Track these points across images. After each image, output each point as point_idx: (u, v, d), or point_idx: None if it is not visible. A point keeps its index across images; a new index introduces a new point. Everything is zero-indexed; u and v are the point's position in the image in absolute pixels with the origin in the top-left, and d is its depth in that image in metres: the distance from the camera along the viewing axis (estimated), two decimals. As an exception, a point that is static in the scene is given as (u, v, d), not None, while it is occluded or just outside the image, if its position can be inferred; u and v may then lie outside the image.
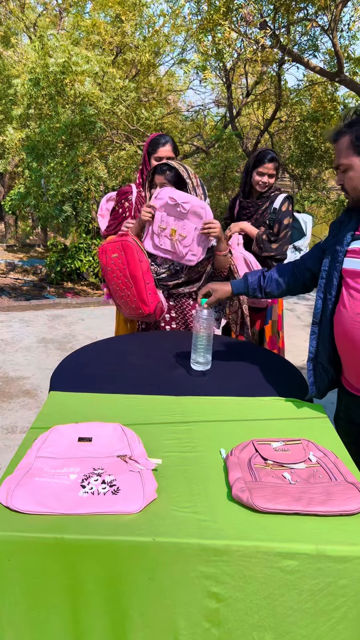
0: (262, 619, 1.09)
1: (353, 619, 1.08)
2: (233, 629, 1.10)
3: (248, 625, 1.09)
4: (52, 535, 1.09)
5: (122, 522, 1.13)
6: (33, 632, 1.10)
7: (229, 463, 1.34)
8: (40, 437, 1.41)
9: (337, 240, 1.68)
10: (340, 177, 1.62)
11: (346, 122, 1.60)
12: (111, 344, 2.29)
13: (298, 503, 1.18)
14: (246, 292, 1.95)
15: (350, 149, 1.56)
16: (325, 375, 1.75)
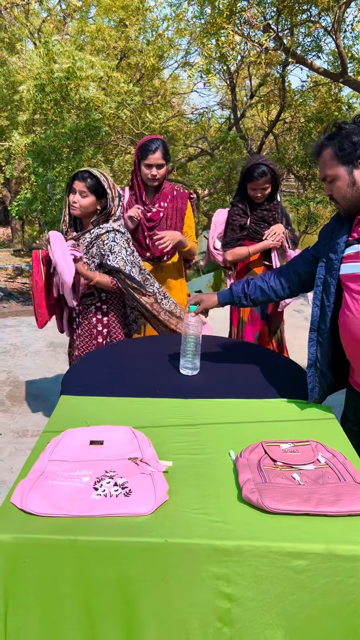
0: (273, 618, 1.11)
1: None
2: (244, 628, 1.12)
3: (259, 624, 1.11)
4: (66, 537, 1.11)
5: (134, 524, 1.15)
6: (47, 638, 1.12)
7: (238, 465, 1.36)
8: (52, 441, 1.44)
9: (330, 248, 1.69)
10: (329, 188, 1.65)
11: (326, 135, 1.63)
12: (120, 348, 2.32)
13: (307, 504, 1.20)
14: (232, 301, 2.00)
15: (334, 159, 1.60)
16: (324, 380, 1.77)
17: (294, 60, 6.27)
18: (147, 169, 2.68)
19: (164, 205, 2.79)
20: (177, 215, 2.82)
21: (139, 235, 2.80)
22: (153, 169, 2.68)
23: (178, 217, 2.82)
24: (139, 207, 2.72)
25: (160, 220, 2.78)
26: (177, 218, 2.82)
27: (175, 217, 2.82)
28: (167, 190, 2.82)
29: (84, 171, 2.41)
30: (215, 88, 7.56)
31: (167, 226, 2.79)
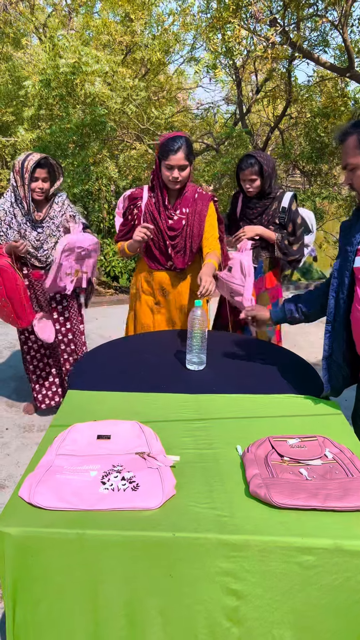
0: (282, 616, 1.11)
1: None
2: (253, 627, 1.11)
3: (268, 623, 1.11)
4: (74, 530, 1.11)
5: (141, 518, 1.16)
6: (53, 631, 1.13)
7: (245, 460, 1.36)
8: (60, 435, 1.44)
9: (347, 241, 1.69)
10: (349, 176, 1.64)
11: (352, 123, 1.62)
12: (126, 343, 2.32)
13: (315, 499, 1.19)
14: (284, 319, 2.02)
15: (358, 148, 1.58)
16: (339, 372, 1.76)
17: (300, 55, 6.24)
18: (168, 170, 2.40)
19: (186, 212, 2.53)
20: (196, 220, 2.55)
21: (159, 243, 2.54)
22: (175, 171, 2.39)
23: (196, 221, 2.55)
24: (146, 226, 2.43)
25: (182, 229, 2.54)
26: (196, 223, 2.56)
27: (194, 222, 2.56)
28: (189, 194, 2.54)
29: (44, 157, 2.66)
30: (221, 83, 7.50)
31: (186, 234, 2.55)
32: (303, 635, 1.12)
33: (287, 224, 2.95)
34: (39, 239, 2.76)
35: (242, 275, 2.76)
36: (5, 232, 2.72)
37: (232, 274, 2.79)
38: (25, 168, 2.62)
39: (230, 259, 2.80)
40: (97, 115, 6.54)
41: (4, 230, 2.72)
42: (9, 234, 2.72)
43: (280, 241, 2.92)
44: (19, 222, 2.71)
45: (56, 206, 2.83)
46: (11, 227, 2.73)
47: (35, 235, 2.75)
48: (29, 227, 2.73)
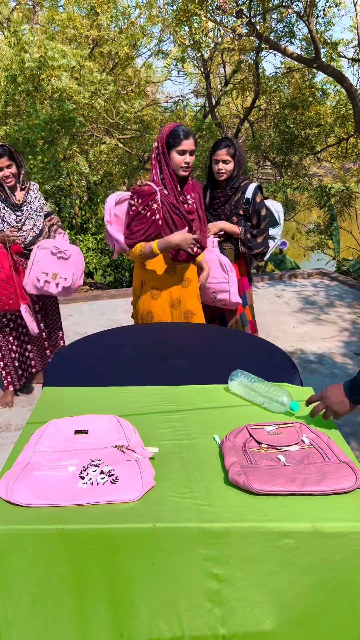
0: (263, 596, 1.12)
1: (347, 586, 1.12)
2: (235, 607, 1.13)
3: (249, 603, 1.12)
4: (54, 526, 1.10)
5: (122, 510, 1.15)
6: (37, 626, 1.12)
7: (224, 448, 1.37)
8: (37, 432, 1.43)
9: None
10: None
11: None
12: (103, 337, 2.31)
13: (293, 484, 1.21)
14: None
15: None
16: None
17: (267, 46, 6.26)
18: (180, 155, 2.44)
19: (194, 197, 2.61)
20: (199, 204, 2.66)
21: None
22: (186, 156, 2.46)
23: (199, 205, 2.66)
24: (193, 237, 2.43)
25: (195, 213, 2.60)
26: (200, 207, 2.66)
27: (199, 206, 2.66)
28: (190, 180, 2.64)
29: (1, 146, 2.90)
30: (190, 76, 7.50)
31: (199, 217, 2.64)
32: (284, 612, 1.13)
33: (252, 216, 2.95)
34: (19, 220, 3.04)
35: (224, 272, 2.78)
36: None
37: (213, 274, 2.83)
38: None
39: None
40: (66, 110, 6.47)
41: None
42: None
43: (244, 235, 2.93)
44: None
45: (32, 193, 3.14)
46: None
47: (14, 218, 3.03)
48: (7, 210, 3.01)
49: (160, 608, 1.12)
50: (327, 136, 8.91)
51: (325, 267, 7.77)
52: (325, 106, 8.59)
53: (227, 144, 2.89)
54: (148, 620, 1.12)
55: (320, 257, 8.45)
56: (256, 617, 1.13)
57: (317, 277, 6.68)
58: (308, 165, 9.92)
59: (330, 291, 5.95)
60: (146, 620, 1.12)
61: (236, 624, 1.14)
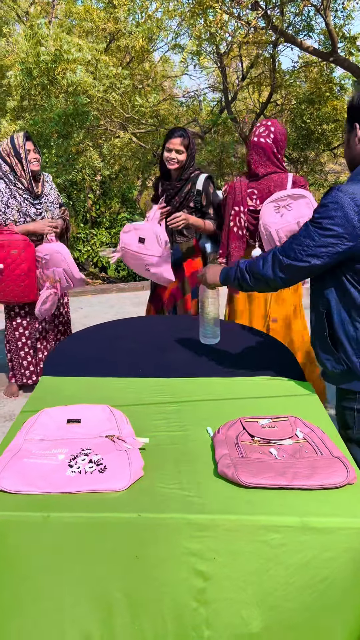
0: (250, 596, 1.10)
1: (337, 589, 1.09)
2: (221, 608, 1.11)
3: (236, 603, 1.10)
4: (39, 513, 1.10)
5: (108, 499, 1.15)
6: (18, 617, 1.12)
7: (216, 441, 1.35)
8: (29, 420, 1.43)
9: None
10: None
11: None
12: (103, 329, 2.30)
13: (283, 477, 1.19)
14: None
15: None
16: None
17: (283, 40, 6.19)
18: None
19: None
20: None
21: None
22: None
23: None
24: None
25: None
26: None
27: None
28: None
29: (26, 132, 2.93)
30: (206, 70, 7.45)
31: None
32: (271, 614, 1.12)
33: (207, 208, 2.87)
34: (39, 213, 3.03)
35: (159, 245, 2.73)
36: (3, 211, 2.93)
37: (146, 245, 2.74)
38: (18, 145, 2.86)
39: (137, 229, 2.78)
40: (80, 104, 6.47)
41: (2, 209, 2.93)
42: (8, 212, 2.93)
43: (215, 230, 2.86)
44: (19, 200, 2.94)
45: (47, 184, 3.12)
46: (9, 206, 2.94)
47: (34, 211, 3.01)
48: (28, 203, 2.98)
49: (144, 605, 1.11)
50: (344, 132, 8.79)
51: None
52: (342, 101, 8.47)
53: (182, 134, 2.80)
54: (130, 620, 1.11)
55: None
56: (242, 618, 1.11)
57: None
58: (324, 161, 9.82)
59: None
60: (128, 619, 1.11)
61: (222, 625, 1.12)
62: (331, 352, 1.60)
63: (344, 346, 1.56)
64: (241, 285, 1.69)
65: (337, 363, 1.60)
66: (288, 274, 1.56)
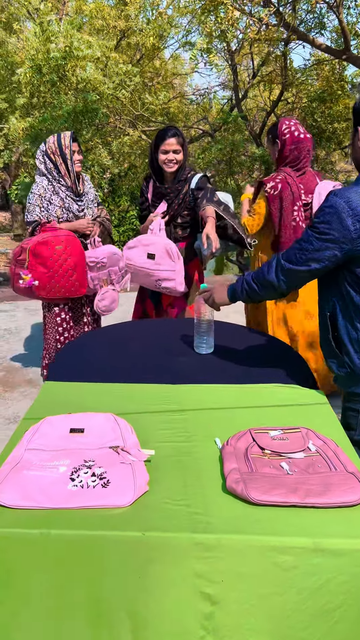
0: (259, 623, 1.04)
1: (353, 617, 1.03)
2: (229, 635, 1.04)
3: (245, 630, 1.04)
4: (38, 530, 1.05)
5: (111, 516, 1.09)
6: (16, 634, 1.06)
7: (224, 453, 1.30)
8: (31, 429, 1.38)
9: None
10: None
11: None
12: (110, 332, 2.25)
13: (295, 495, 1.13)
14: None
15: None
16: None
17: (295, 37, 6.10)
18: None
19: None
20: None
21: None
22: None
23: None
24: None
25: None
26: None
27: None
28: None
29: (73, 133, 2.89)
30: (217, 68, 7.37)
31: None
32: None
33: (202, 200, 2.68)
34: (81, 210, 3.01)
35: (171, 260, 2.63)
36: (46, 208, 2.90)
37: (157, 261, 2.65)
38: (64, 145, 2.84)
39: (145, 244, 2.68)
40: (90, 101, 6.42)
41: (45, 206, 2.90)
42: (50, 209, 2.90)
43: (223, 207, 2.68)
44: (62, 197, 2.92)
45: (86, 183, 3.11)
46: (52, 203, 2.91)
47: (77, 207, 2.98)
48: (70, 199, 2.95)
49: (148, 629, 1.05)
50: (354, 132, 8.68)
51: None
52: (354, 100, 8.37)
53: (175, 132, 2.66)
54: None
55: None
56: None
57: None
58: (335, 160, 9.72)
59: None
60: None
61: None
62: (335, 355, 1.63)
63: (347, 348, 1.58)
64: (250, 296, 1.70)
65: (341, 366, 1.62)
66: (289, 278, 1.59)
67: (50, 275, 2.73)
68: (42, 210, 2.88)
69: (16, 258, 2.76)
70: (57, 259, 2.72)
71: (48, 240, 2.70)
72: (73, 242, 2.77)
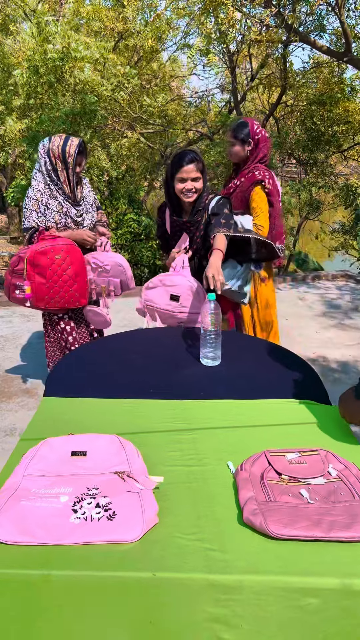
0: None
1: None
2: None
3: None
4: (39, 571, 0.95)
5: (117, 553, 0.99)
6: None
7: (239, 479, 1.20)
8: (29, 452, 1.27)
9: None
10: None
11: None
12: (111, 342, 2.15)
13: (318, 528, 1.03)
14: None
15: None
16: None
17: (296, 38, 6.03)
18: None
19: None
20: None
21: None
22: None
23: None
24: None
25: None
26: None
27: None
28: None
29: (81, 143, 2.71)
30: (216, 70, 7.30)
31: None
32: None
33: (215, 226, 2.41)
34: (80, 215, 2.88)
35: (197, 301, 2.39)
36: (43, 213, 2.77)
37: (181, 302, 2.39)
38: (68, 154, 2.68)
39: (167, 285, 2.42)
40: (88, 103, 6.32)
41: (42, 211, 2.76)
42: (48, 215, 2.77)
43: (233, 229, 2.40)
44: (60, 201, 2.78)
45: (85, 187, 2.97)
46: (49, 208, 2.77)
47: (75, 212, 2.84)
48: (68, 204, 2.81)
49: None
50: (355, 134, 8.63)
51: (350, 269, 7.52)
52: (354, 103, 8.31)
53: (194, 157, 2.33)
54: None
55: (345, 259, 8.20)
56: None
57: (342, 280, 6.45)
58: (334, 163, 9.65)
59: (355, 295, 5.72)
60: None
61: None
62: None
63: None
64: None
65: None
66: None
67: (49, 286, 2.63)
68: (39, 215, 2.74)
69: (13, 268, 2.65)
70: (57, 269, 2.62)
71: (47, 250, 2.60)
72: (73, 250, 2.66)
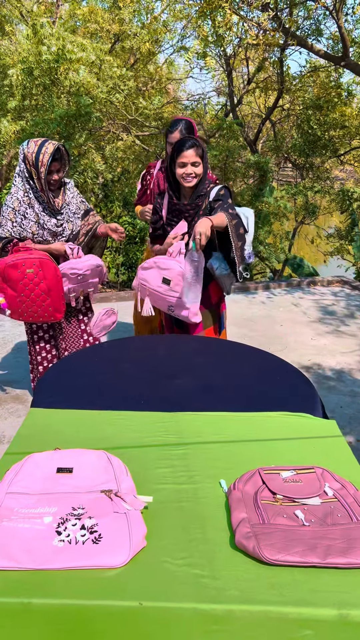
0: None
1: None
2: None
3: None
4: (18, 599, 0.90)
5: (103, 580, 0.94)
6: None
7: (231, 499, 1.15)
8: (12, 468, 1.22)
9: None
10: None
11: None
12: (102, 350, 2.10)
13: (314, 553, 0.99)
14: None
15: None
16: None
17: (294, 42, 6.00)
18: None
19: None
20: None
21: None
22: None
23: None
24: None
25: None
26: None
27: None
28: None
29: (57, 149, 2.52)
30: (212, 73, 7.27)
31: None
32: None
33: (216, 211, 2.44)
34: (60, 225, 2.71)
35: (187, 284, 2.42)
36: (19, 223, 2.62)
37: (172, 287, 2.44)
38: (41, 162, 2.49)
39: (161, 268, 2.46)
40: (83, 105, 6.27)
41: (19, 221, 2.62)
42: (24, 224, 2.62)
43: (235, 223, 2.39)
44: (37, 211, 2.62)
45: (69, 192, 2.78)
46: (26, 217, 2.61)
47: (55, 222, 2.68)
48: (46, 215, 2.65)
49: None
50: (351, 139, 8.61)
51: (345, 274, 7.49)
52: (350, 107, 8.30)
53: (194, 143, 2.39)
54: None
55: (340, 264, 8.17)
56: None
57: (338, 285, 6.41)
58: (330, 168, 9.62)
59: (351, 301, 5.69)
60: None
61: None
62: None
63: None
64: None
65: None
66: None
67: (22, 300, 2.57)
68: (14, 225, 2.61)
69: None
70: (28, 283, 2.54)
71: (18, 263, 2.50)
72: (46, 265, 2.55)
